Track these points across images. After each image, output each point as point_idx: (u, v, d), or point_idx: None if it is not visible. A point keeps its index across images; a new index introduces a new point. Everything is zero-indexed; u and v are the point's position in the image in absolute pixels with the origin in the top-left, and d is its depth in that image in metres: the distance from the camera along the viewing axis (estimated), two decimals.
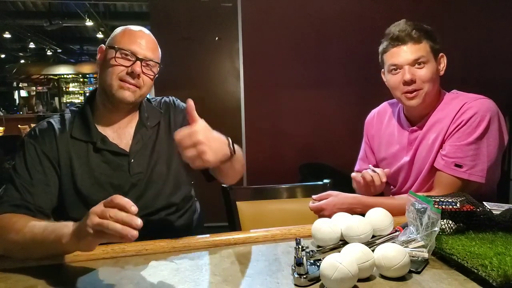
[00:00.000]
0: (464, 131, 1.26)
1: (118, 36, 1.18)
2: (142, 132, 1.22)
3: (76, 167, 1.13)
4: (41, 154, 1.11)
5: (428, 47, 1.31)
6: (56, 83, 14.10)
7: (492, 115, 1.25)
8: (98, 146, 1.16)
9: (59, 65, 13.68)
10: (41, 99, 13.77)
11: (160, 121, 1.27)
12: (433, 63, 1.31)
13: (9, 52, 13.47)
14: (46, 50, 12.41)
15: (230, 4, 3.39)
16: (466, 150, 1.24)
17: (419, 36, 1.30)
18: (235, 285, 0.79)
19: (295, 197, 1.66)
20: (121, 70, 1.14)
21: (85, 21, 8.74)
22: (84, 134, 1.16)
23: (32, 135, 1.15)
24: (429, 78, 1.30)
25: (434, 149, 1.31)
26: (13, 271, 0.88)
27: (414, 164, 1.38)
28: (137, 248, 0.97)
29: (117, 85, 1.14)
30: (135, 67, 1.14)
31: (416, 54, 1.29)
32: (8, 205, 1.02)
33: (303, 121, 3.41)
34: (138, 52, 1.15)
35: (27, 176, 1.08)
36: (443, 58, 1.36)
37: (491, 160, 1.25)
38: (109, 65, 1.14)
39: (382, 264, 0.77)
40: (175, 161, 1.25)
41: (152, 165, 1.21)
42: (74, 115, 1.20)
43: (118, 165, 1.17)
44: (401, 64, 1.31)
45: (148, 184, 1.19)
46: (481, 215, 0.94)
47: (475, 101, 1.28)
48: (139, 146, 1.20)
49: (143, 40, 1.18)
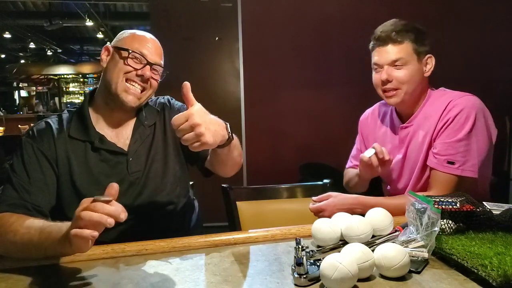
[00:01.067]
0: (452, 128, 1.28)
1: (128, 39, 1.20)
2: (140, 131, 1.24)
3: (75, 166, 1.14)
4: (39, 153, 1.11)
5: (411, 48, 1.33)
6: (56, 83, 14.10)
7: (477, 111, 1.28)
8: (96, 145, 1.16)
9: (59, 65, 13.68)
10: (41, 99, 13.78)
11: (157, 120, 1.28)
12: (414, 64, 1.34)
13: (9, 52, 13.48)
14: (46, 50, 12.42)
15: (230, 4, 3.39)
16: (457, 146, 1.27)
17: (401, 37, 1.33)
18: (235, 285, 0.79)
19: (295, 197, 1.66)
20: (130, 71, 1.16)
21: (85, 21, 8.75)
22: (82, 134, 1.17)
23: (30, 134, 1.15)
24: (407, 79, 1.33)
25: (424, 147, 1.34)
26: (14, 271, 0.88)
27: (406, 161, 1.41)
28: (137, 248, 0.97)
29: (123, 87, 1.16)
30: (145, 71, 1.17)
31: (395, 55, 1.33)
32: (5, 205, 1.02)
33: (303, 121, 3.41)
34: (148, 56, 1.18)
35: (25, 176, 1.08)
36: (431, 59, 1.37)
37: (481, 155, 1.27)
38: (119, 65, 1.16)
39: (382, 264, 0.77)
40: (172, 160, 1.26)
41: (149, 164, 1.22)
42: (72, 115, 1.21)
43: (116, 164, 1.18)
44: (381, 64, 1.36)
45: (146, 183, 1.20)
46: (481, 215, 0.94)
47: (460, 98, 1.31)
48: (137, 145, 1.22)
49: (152, 46, 1.21)
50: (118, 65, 1.17)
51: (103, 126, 1.21)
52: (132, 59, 1.17)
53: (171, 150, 1.27)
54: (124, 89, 1.16)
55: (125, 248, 0.97)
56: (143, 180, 1.20)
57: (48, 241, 0.88)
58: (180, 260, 0.92)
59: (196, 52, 3.42)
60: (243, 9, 3.31)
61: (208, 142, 0.86)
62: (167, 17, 3.41)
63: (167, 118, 1.30)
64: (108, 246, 0.97)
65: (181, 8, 3.40)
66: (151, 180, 1.21)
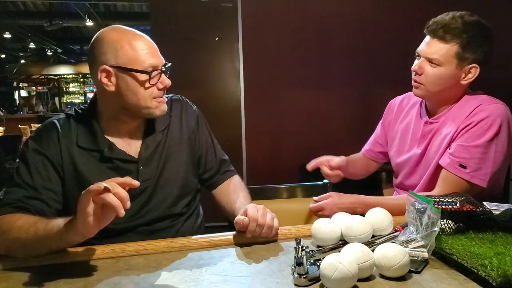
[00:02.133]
0: (473, 133, 1.24)
1: (130, 54, 1.06)
2: (152, 137, 1.19)
3: (84, 173, 1.10)
4: (44, 157, 1.09)
5: (454, 51, 1.25)
6: (56, 83, 14.12)
7: (503, 120, 1.23)
8: (106, 155, 1.12)
9: (59, 65, 13.69)
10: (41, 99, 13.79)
11: (170, 123, 1.23)
12: (450, 69, 1.26)
13: (9, 52, 13.48)
14: (46, 50, 12.43)
15: (230, 4, 3.39)
16: (473, 152, 1.23)
17: (450, 36, 1.24)
18: (235, 285, 0.79)
19: (295, 197, 1.66)
20: (153, 89, 1.09)
21: (85, 21, 8.76)
22: (91, 143, 1.12)
23: (35, 137, 1.12)
24: (434, 80, 1.28)
25: (443, 146, 1.30)
26: (15, 271, 0.89)
27: (423, 158, 1.38)
28: (137, 248, 0.97)
29: (153, 106, 1.10)
30: (165, 82, 1.11)
31: (434, 53, 1.26)
32: (9, 207, 1.01)
33: (303, 121, 3.41)
34: (158, 63, 1.09)
35: (29, 180, 1.06)
36: (475, 69, 1.27)
37: (496, 166, 1.24)
38: (140, 91, 1.08)
39: (382, 264, 0.77)
40: (183, 166, 1.23)
41: (160, 170, 1.18)
42: (78, 122, 1.15)
43: (126, 172, 1.12)
44: (419, 54, 1.31)
45: (156, 190, 1.17)
46: (481, 215, 0.94)
47: (490, 105, 1.26)
48: (148, 152, 1.17)
49: (152, 46, 1.10)
50: (139, 89, 1.07)
51: (113, 133, 1.15)
52: (148, 78, 1.07)
53: (184, 156, 1.24)
54: (155, 106, 1.11)
55: (125, 248, 0.97)
56: (152, 189, 1.17)
57: (54, 229, 0.87)
58: (180, 260, 0.92)
59: (196, 52, 3.42)
60: (243, 9, 3.31)
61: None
62: (167, 17, 3.40)
63: (183, 121, 1.26)
64: (108, 246, 0.97)
65: (181, 8, 3.39)
66: (160, 187, 1.18)
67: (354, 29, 3.36)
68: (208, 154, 1.31)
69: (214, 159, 1.32)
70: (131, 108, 1.11)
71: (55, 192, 1.09)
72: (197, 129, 1.29)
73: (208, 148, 1.31)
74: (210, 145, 1.32)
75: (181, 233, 1.22)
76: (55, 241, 0.90)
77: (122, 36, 1.07)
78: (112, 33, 1.08)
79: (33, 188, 1.05)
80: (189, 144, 1.26)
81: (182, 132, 1.25)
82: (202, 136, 1.30)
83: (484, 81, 1.33)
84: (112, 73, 1.06)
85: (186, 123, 1.27)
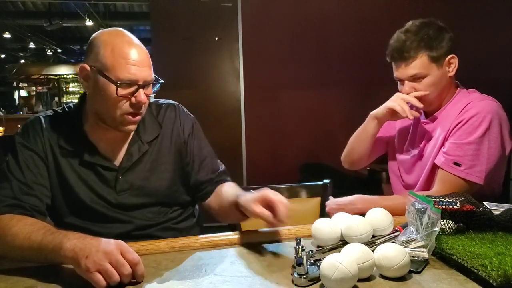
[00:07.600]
0: (465, 130, 1.26)
1: (109, 60, 1.01)
2: (136, 146, 1.15)
3: (64, 173, 1.10)
4: (32, 152, 1.08)
5: (426, 59, 1.29)
6: (56, 83, 14.08)
7: (493, 117, 1.24)
8: (86, 159, 1.11)
9: (59, 65, 13.65)
10: (41, 99, 13.77)
11: (159, 134, 1.19)
12: (434, 72, 1.30)
13: (9, 52, 13.47)
14: (46, 50, 12.42)
15: (230, 4, 3.39)
16: (466, 149, 1.24)
17: (414, 52, 1.28)
18: (235, 285, 0.79)
19: (295, 197, 1.66)
20: (124, 103, 1.04)
21: (85, 21, 8.74)
22: (73, 144, 1.11)
23: (23, 134, 1.11)
24: (429, 89, 1.31)
25: (438, 145, 1.32)
26: (14, 271, 0.88)
27: (419, 158, 1.39)
28: (137, 248, 0.97)
29: (119, 120, 1.06)
30: (139, 98, 1.04)
31: (412, 71, 1.30)
32: (3, 206, 1.00)
33: (303, 121, 3.41)
34: (138, 77, 1.02)
35: (21, 175, 1.05)
36: (454, 59, 1.32)
37: (491, 163, 1.24)
38: (108, 100, 1.03)
39: (382, 264, 0.77)
40: (170, 177, 1.19)
41: (142, 181, 1.15)
42: (64, 120, 1.13)
43: (105, 180, 1.12)
44: (401, 79, 1.35)
45: (140, 200, 1.14)
46: (481, 215, 0.94)
47: (480, 102, 1.28)
48: (131, 162, 1.13)
49: (138, 58, 1.03)
50: (108, 98, 1.02)
51: (98, 136, 1.12)
52: (121, 88, 1.01)
53: (171, 167, 1.19)
54: (121, 122, 1.06)
55: None
56: (136, 198, 1.14)
57: (49, 247, 0.86)
58: (180, 260, 0.92)
59: (196, 52, 3.42)
60: (243, 9, 3.31)
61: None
62: (167, 17, 3.41)
63: (175, 131, 1.21)
64: None
65: (181, 8, 3.39)
66: (148, 196, 1.15)
67: (354, 29, 3.36)
68: (197, 164, 1.23)
69: (205, 170, 1.23)
70: (102, 115, 1.08)
71: (46, 187, 1.09)
72: (189, 138, 1.23)
73: (201, 158, 1.23)
74: (203, 156, 1.24)
75: (176, 234, 1.20)
76: (50, 257, 0.87)
77: (113, 40, 1.03)
78: (106, 35, 1.06)
79: (25, 184, 1.05)
80: (179, 154, 1.21)
81: (172, 143, 1.20)
82: (194, 146, 1.23)
83: (485, 81, 1.33)
84: (90, 74, 1.04)
85: (178, 134, 1.22)
